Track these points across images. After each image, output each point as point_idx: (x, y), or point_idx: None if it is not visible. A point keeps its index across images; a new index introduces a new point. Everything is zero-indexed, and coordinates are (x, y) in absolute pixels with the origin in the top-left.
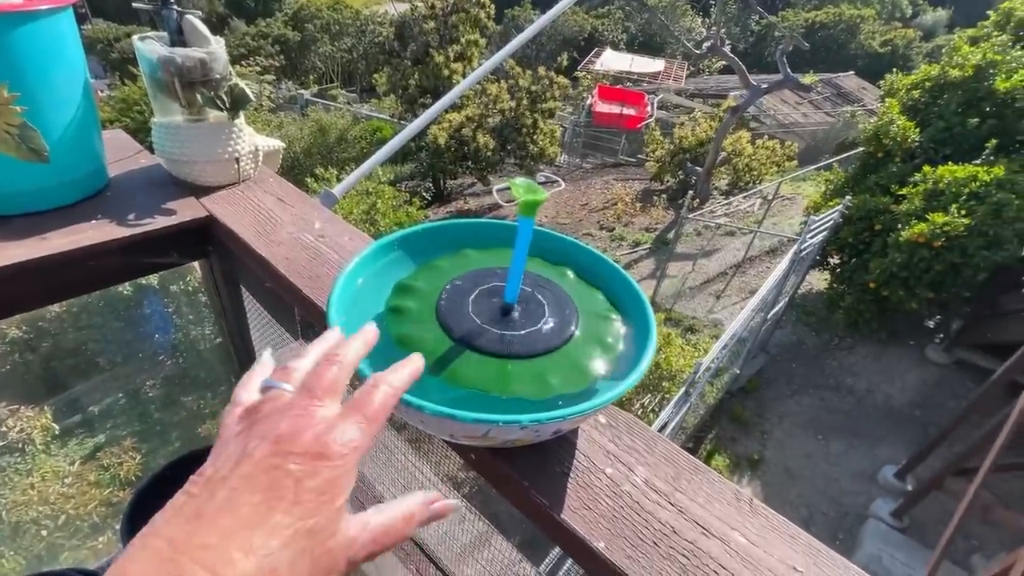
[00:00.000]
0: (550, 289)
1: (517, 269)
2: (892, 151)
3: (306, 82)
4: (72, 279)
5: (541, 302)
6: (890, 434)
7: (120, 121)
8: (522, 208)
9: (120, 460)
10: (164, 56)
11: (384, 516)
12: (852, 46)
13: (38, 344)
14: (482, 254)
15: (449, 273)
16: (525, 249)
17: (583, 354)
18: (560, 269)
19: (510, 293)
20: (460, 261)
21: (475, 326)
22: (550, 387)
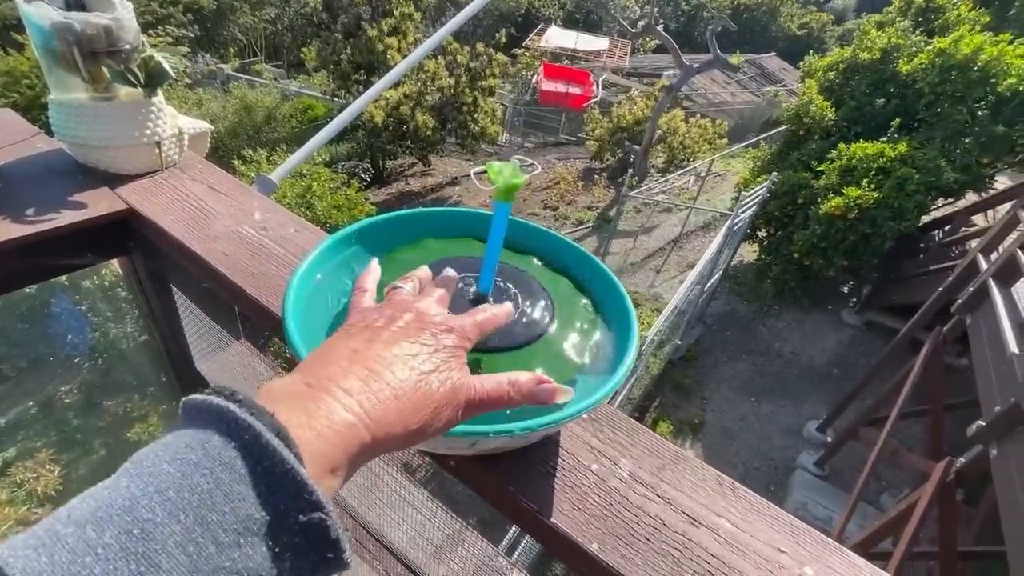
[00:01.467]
0: (519, 277)
1: (492, 258)
2: (812, 129)
3: (226, 55)
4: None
5: (513, 291)
6: (813, 392)
7: (6, 98)
8: (499, 193)
9: (36, 474)
10: (59, 22)
11: (495, 380)
12: (773, 28)
13: None
14: (445, 243)
15: (412, 265)
16: (501, 236)
17: (563, 343)
18: (526, 257)
19: (484, 283)
20: (422, 252)
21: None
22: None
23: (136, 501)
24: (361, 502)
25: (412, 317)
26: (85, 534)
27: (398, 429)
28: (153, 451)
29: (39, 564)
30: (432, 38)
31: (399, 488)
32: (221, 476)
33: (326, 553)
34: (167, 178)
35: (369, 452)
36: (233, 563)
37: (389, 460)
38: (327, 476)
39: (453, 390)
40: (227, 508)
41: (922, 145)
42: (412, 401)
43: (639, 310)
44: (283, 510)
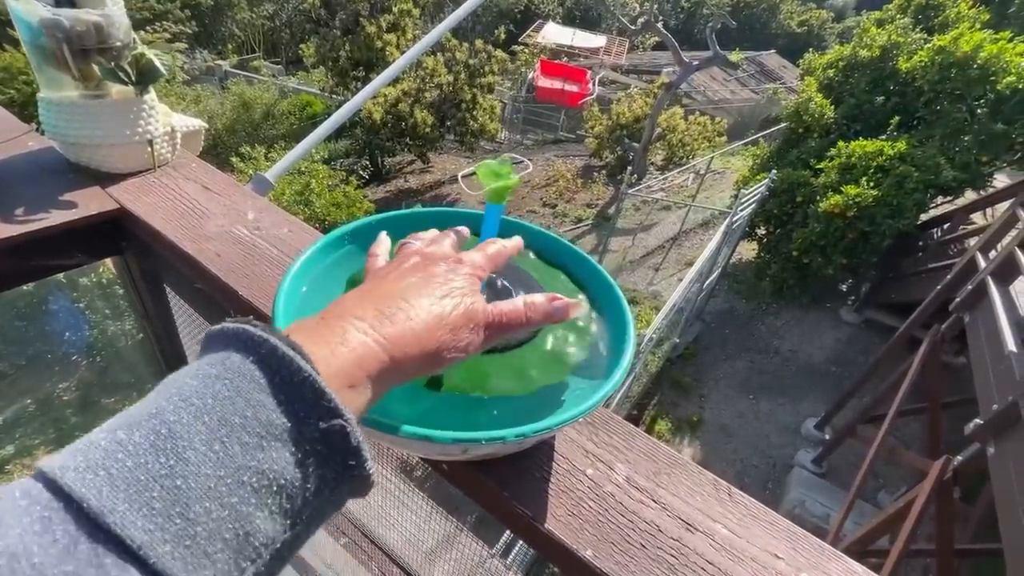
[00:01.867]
0: (514, 274)
1: None
2: (811, 127)
3: (224, 52)
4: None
5: (508, 288)
6: (811, 390)
7: (3, 94)
8: (490, 196)
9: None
10: (47, 19)
11: (511, 302)
12: (773, 25)
13: None
14: None
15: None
16: (493, 236)
17: (559, 341)
18: (522, 253)
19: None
20: None
21: None
22: (531, 380)
23: (162, 409)
24: (356, 503)
25: (419, 259)
26: (116, 436)
27: (414, 349)
28: (177, 373)
29: (74, 462)
30: (430, 34)
31: (394, 489)
32: (241, 385)
33: (347, 460)
34: (159, 177)
35: (390, 372)
36: (258, 463)
37: (385, 461)
38: (345, 390)
39: (469, 312)
40: (248, 413)
41: (921, 143)
42: (425, 322)
43: (638, 308)
44: (303, 417)
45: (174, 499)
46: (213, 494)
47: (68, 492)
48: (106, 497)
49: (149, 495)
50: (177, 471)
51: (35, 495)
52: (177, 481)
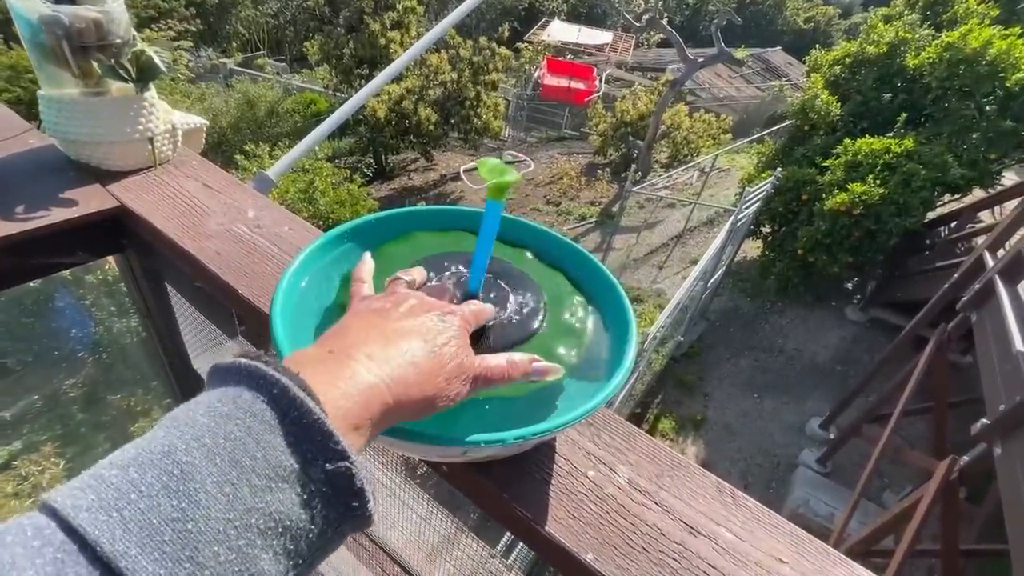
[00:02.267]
0: (511, 273)
1: (482, 256)
2: (817, 124)
3: (228, 50)
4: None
5: (504, 288)
6: (816, 389)
7: (9, 92)
8: (491, 191)
9: (41, 468)
10: (47, 15)
11: (496, 358)
12: (779, 22)
13: None
14: (435, 236)
15: (401, 260)
16: (492, 235)
17: (555, 342)
18: (519, 251)
19: (474, 281)
20: (412, 246)
21: None
22: (525, 384)
23: (174, 447)
24: None
25: (416, 302)
26: (128, 475)
27: (415, 393)
28: (187, 407)
29: (86, 501)
30: (432, 31)
31: (396, 489)
32: (252, 425)
33: (351, 501)
34: (160, 175)
35: (390, 414)
36: (266, 505)
37: (387, 460)
38: (351, 432)
39: (462, 364)
40: (259, 454)
41: (929, 140)
42: (427, 368)
43: (641, 306)
44: (310, 458)
45: (184, 543)
46: (222, 537)
47: (82, 534)
48: (119, 540)
49: (160, 539)
50: (188, 514)
51: (48, 535)
52: (188, 525)
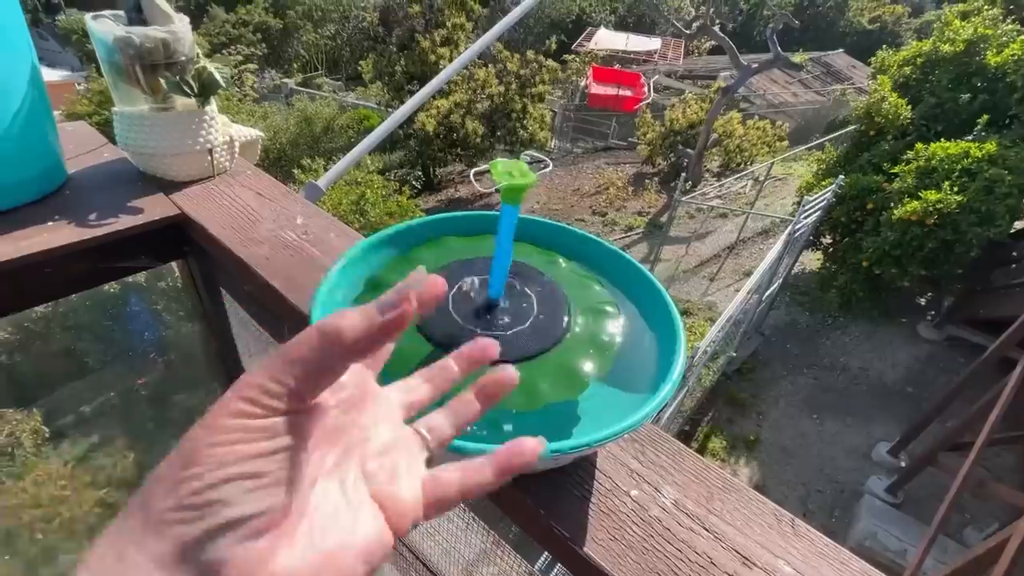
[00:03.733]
0: (538, 281)
1: (501, 261)
2: (884, 129)
3: (290, 71)
4: (28, 288)
5: (529, 296)
6: (883, 412)
7: (99, 114)
8: (505, 195)
9: (114, 460)
10: (120, 37)
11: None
12: (841, 23)
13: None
14: (465, 241)
15: (428, 264)
16: (510, 240)
17: (576, 356)
18: (550, 256)
19: (494, 288)
20: (440, 251)
21: (456, 326)
22: (539, 395)
23: None
24: None
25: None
26: None
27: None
28: None
29: None
30: (475, 45)
31: None
32: None
33: None
34: (218, 184)
35: None
36: None
37: None
38: None
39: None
40: None
41: (1015, 143)
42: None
43: (691, 319)
44: None
45: None
46: None
47: None
48: None
49: None
50: None
51: None
52: None
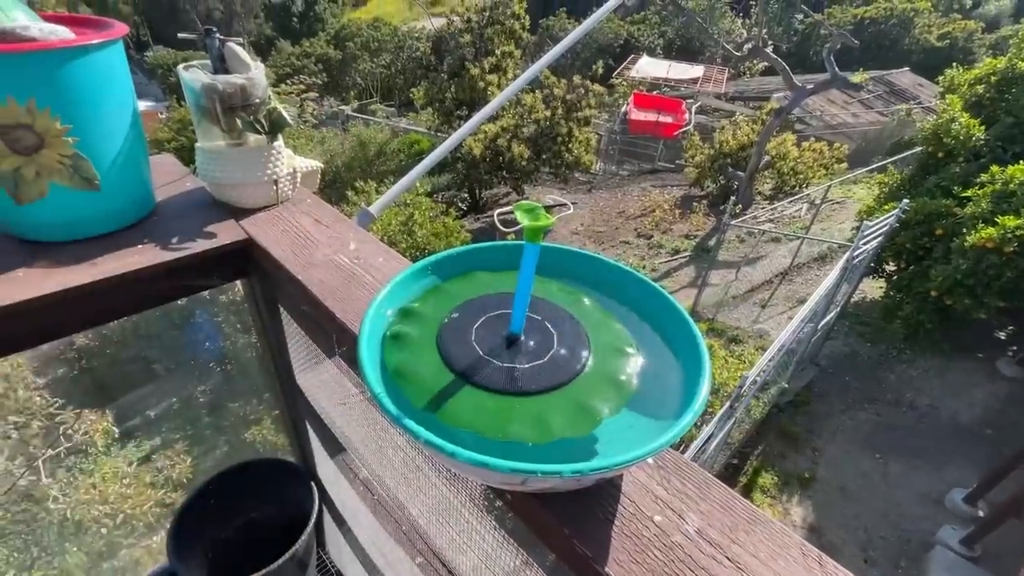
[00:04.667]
0: (561, 318)
1: (523, 296)
2: (954, 150)
3: (347, 98)
4: (120, 302)
5: (550, 332)
6: (957, 454)
7: (177, 140)
8: (526, 234)
9: (173, 463)
10: (207, 84)
11: None
12: (906, 41)
13: (102, 351)
14: (493, 276)
15: (457, 297)
16: (530, 276)
17: (590, 392)
18: (576, 295)
19: (515, 323)
20: (470, 284)
21: (476, 357)
22: (551, 430)
23: None
24: (430, 522)
25: None
26: None
27: None
28: None
29: None
30: (524, 74)
31: (469, 516)
32: None
33: None
34: (281, 211)
35: None
36: None
37: (461, 486)
38: None
39: None
40: None
41: None
42: None
43: (741, 347)
44: None
45: None
46: None
47: None
48: None
49: None
50: None
51: None
52: None
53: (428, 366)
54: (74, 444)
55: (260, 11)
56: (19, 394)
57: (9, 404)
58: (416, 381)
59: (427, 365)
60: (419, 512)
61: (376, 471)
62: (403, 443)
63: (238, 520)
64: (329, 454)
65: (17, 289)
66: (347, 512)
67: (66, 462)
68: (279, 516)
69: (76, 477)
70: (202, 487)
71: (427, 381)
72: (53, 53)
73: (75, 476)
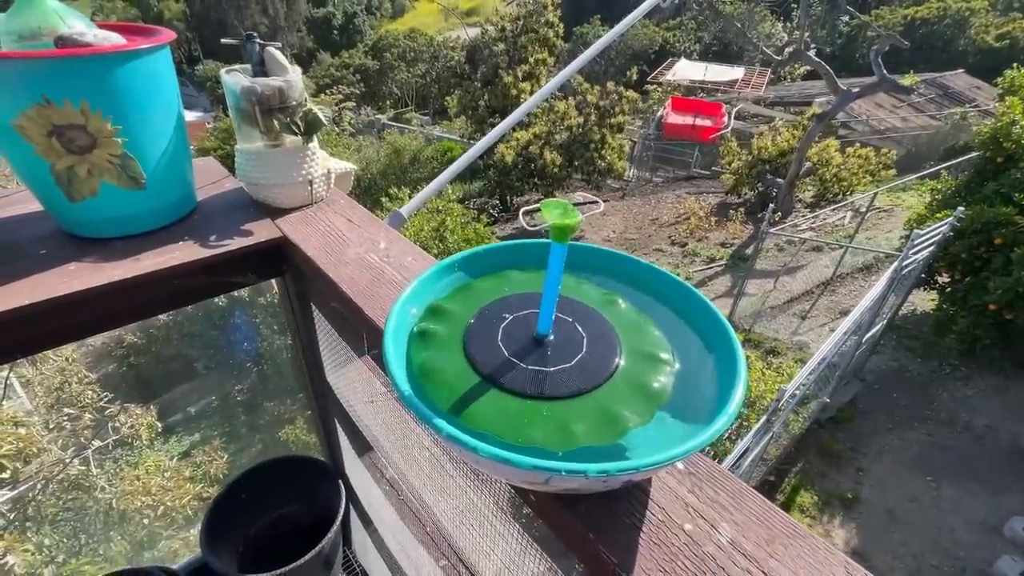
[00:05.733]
0: (593, 321)
1: (550, 297)
2: (1015, 155)
3: (383, 107)
4: (160, 297)
5: (580, 335)
6: (1018, 480)
7: (222, 149)
8: (553, 233)
9: (211, 458)
10: (246, 86)
11: None
12: (960, 42)
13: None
14: (527, 275)
15: (486, 295)
16: (558, 276)
17: (618, 400)
18: (610, 296)
19: (543, 324)
20: (501, 282)
21: (500, 358)
22: (573, 437)
23: None
24: (456, 526)
25: None
26: None
27: None
28: None
29: None
30: (555, 79)
31: (494, 519)
32: None
33: None
34: (315, 212)
35: None
36: None
37: (486, 489)
38: None
39: None
40: None
41: None
42: None
43: (779, 359)
44: None
45: None
46: None
47: None
48: None
49: None
50: None
51: None
52: None
53: (452, 365)
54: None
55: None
56: (73, 388)
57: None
58: (439, 380)
59: (451, 364)
60: (443, 514)
61: (402, 470)
62: (429, 443)
63: (268, 516)
64: (357, 453)
65: (70, 282)
66: (373, 511)
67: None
68: (308, 513)
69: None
70: (234, 482)
71: (450, 380)
72: (106, 57)
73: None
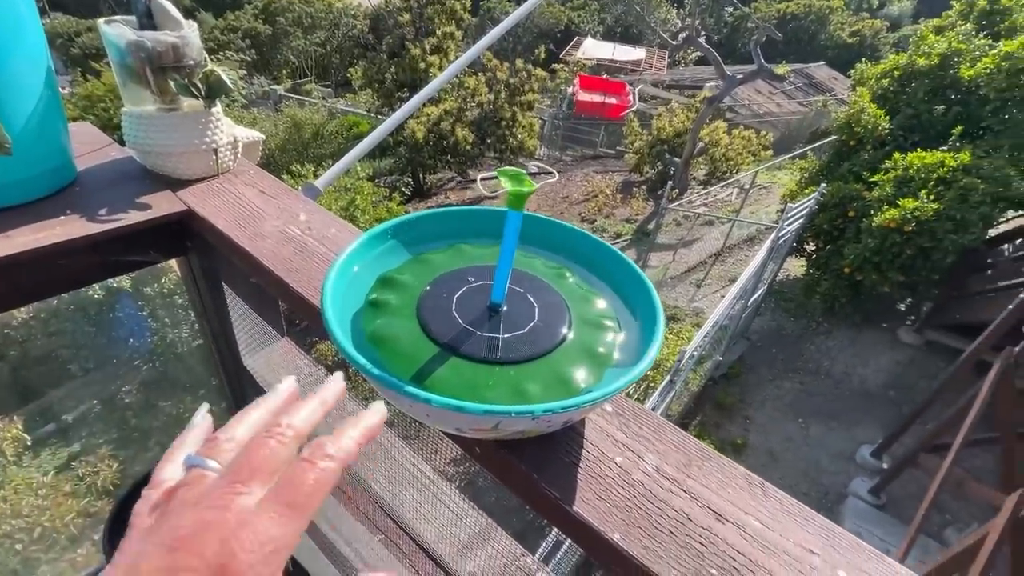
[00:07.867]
0: (544, 292)
1: (504, 266)
2: (864, 139)
3: (279, 77)
4: (42, 279)
5: (532, 305)
6: (866, 415)
7: (84, 118)
8: (509, 200)
9: (96, 469)
10: (133, 40)
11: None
12: (822, 37)
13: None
14: (479, 250)
15: (439, 268)
16: (513, 244)
17: (569, 363)
18: (559, 270)
19: (497, 292)
20: (453, 256)
21: (456, 326)
22: (527, 397)
23: None
24: (394, 495)
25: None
26: None
27: None
28: None
29: None
30: (465, 55)
31: (431, 485)
32: None
33: None
34: (222, 183)
35: None
36: None
37: (421, 456)
38: None
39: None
40: None
41: (988, 154)
42: None
43: (679, 324)
44: None
45: None
46: None
47: None
48: None
49: None
50: None
51: None
52: None
53: (406, 332)
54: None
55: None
56: None
57: None
58: (393, 347)
59: (405, 331)
60: (379, 486)
61: None
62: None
63: None
64: None
65: None
66: None
67: None
68: None
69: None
70: (141, 480)
71: (404, 346)
72: None
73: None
